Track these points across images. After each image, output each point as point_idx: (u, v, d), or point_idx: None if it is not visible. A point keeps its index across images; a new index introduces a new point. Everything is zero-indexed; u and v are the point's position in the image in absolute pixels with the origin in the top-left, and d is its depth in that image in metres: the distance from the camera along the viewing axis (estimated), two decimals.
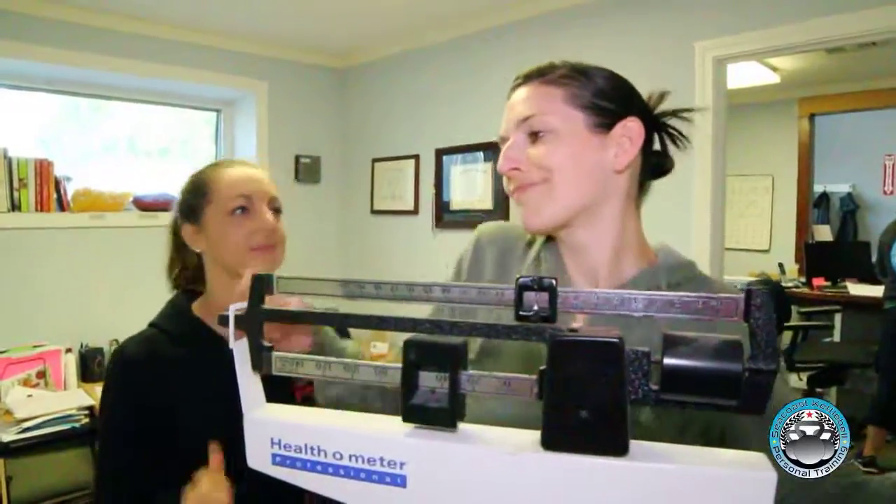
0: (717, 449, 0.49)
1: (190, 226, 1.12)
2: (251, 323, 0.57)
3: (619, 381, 0.47)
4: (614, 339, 0.47)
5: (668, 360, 0.48)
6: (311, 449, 0.53)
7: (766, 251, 5.08)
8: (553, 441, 0.48)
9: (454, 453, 0.50)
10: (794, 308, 4.08)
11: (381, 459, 0.51)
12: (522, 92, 0.83)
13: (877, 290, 4.08)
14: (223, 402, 0.72)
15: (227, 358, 0.57)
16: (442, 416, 0.50)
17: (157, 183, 3.40)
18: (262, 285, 0.57)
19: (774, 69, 4.16)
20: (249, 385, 0.58)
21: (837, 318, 4.03)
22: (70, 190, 2.92)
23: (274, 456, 0.55)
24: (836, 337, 4.05)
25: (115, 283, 3.03)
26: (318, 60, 3.87)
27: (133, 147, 3.44)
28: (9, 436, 2.25)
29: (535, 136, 0.81)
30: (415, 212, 3.55)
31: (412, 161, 3.55)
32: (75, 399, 2.48)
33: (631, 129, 0.81)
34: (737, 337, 0.48)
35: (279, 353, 0.57)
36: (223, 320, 0.56)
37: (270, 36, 3.46)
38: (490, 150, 3.09)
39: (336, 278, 0.55)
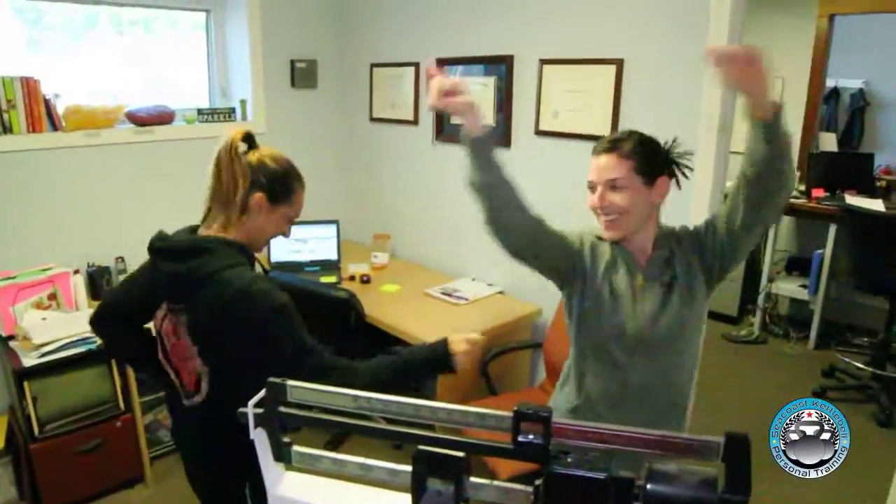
0: None
1: (266, 201, 1.41)
2: (269, 421, 0.62)
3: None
4: (601, 476, 0.53)
5: (651, 487, 0.53)
6: None
7: None
8: None
9: None
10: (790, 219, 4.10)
11: None
12: (605, 160, 1.49)
13: (872, 203, 4.08)
14: None
15: None
16: None
17: (147, 90, 3.30)
18: (276, 392, 0.61)
19: None
20: (270, 467, 0.65)
21: (831, 231, 4.06)
22: (60, 108, 2.84)
23: None
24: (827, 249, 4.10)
25: (116, 200, 3.03)
26: None
27: (117, 20, 3.25)
28: (30, 360, 2.37)
29: (614, 187, 1.48)
30: (415, 122, 3.48)
31: (412, 69, 3.43)
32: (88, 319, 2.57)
33: (664, 182, 1.52)
34: (713, 471, 0.54)
35: (298, 448, 0.62)
36: (243, 416, 0.61)
37: None
38: (493, 63, 2.98)
39: (348, 392, 0.59)
